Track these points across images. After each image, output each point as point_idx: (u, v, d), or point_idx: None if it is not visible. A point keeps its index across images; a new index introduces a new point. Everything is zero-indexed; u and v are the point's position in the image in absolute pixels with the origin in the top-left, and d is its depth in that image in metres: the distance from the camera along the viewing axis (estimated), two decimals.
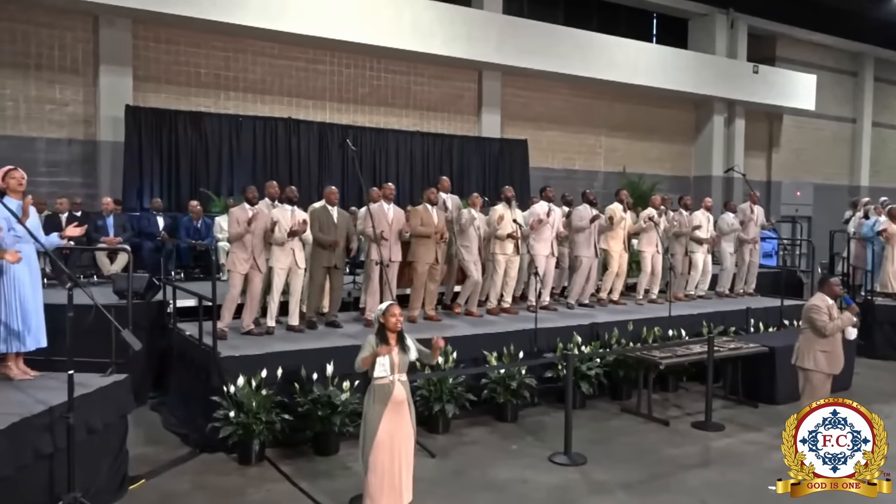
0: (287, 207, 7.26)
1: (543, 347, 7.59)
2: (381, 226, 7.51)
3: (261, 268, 7.01)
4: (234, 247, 6.93)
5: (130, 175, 11.13)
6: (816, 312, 5.99)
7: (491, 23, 14.33)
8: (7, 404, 4.52)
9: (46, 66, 11.28)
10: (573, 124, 16.75)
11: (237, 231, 6.90)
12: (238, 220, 6.93)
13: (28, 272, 5.16)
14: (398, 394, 4.51)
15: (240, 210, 7.05)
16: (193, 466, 5.80)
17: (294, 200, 7.34)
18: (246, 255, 6.94)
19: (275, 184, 7.95)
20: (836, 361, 6.05)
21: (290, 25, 12.10)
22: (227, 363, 6.02)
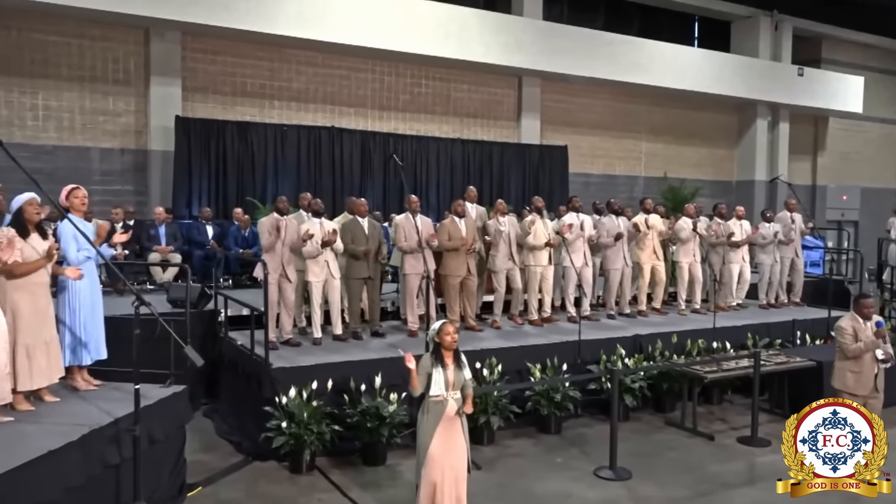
0: (315, 220, 7.39)
1: (587, 359, 7.63)
2: (412, 239, 7.60)
3: (290, 277, 7.13)
4: (265, 256, 7.07)
5: (180, 184, 11.45)
6: (840, 334, 5.97)
7: (530, 29, 14.35)
8: (76, 415, 4.74)
9: (100, 78, 11.64)
10: (613, 129, 16.67)
11: (268, 241, 7.04)
12: (268, 230, 7.08)
13: (89, 286, 5.38)
14: (451, 410, 4.60)
15: (269, 220, 7.18)
16: (247, 474, 5.98)
17: (320, 212, 7.47)
18: (275, 265, 7.06)
19: (308, 195, 8.10)
20: (867, 383, 5.95)
21: (333, 35, 12.30)
22: (279, 374, 6.19)
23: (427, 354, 4.69)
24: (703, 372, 7.18)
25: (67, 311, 5.24)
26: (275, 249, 7.02)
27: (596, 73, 14.93)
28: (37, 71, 11.18)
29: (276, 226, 7.05)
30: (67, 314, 5.24)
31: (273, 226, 7.04)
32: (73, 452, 4.22)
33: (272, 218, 7.13)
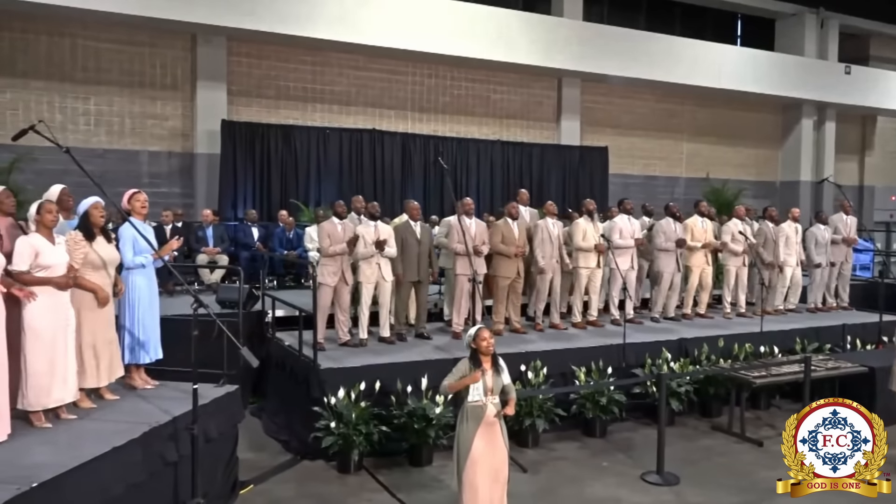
0: (370, 223, 7.46)
1: (632, 363, 7.57)
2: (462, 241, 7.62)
3: (347, 280, 7.22)
4: (324, 260, 7.16)
5: (225, 186, 11.69)
6: None
7: (570, 30, 14.32)
8: (136, 413, 4.88)
9: (149, 83, 11.95)
10: (654, 130, 16.53)
11: (327, 245, 7.13)
12: (329, 235, 7.17)
13: (148, 288, 5.54)
14: (490, 415, 4.61)
15: (329, 225, 7.26)
16: (296, 473, 6.08)
17: (376, 216, 7.54)
18: (335, 269, 7.15)
19: (361, 198, 8.18)
20: None
21: (374, 38, 12.44)
22: (327, 375, 6.27)
23: (465, 360, 4.72)
24: (751, 377, 7.08)
25: (127, 312, 5.39)
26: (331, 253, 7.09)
27: (637, 73, 14.84)
28: (89, 77, 11.52)
29: (337, 231, 7.13)
30: (127, 315, 5.39)
31: (332, 230, 7.12)
32: (135, 449, 4.35)
33: (331, 223, 7.21)
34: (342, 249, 7.04)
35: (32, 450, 4.15)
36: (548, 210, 8.52)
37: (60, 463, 3.91)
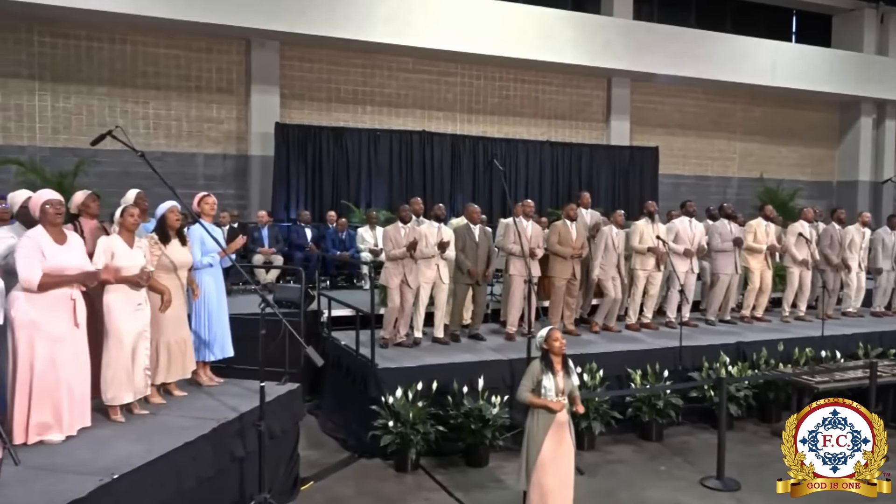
0: (434, 224, 7.52)
1: (688, 366, 7.48)
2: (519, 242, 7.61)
3: (411, 283, 7.29)
4: (388, 263, 7.25)
5: (279, 188, 11.89)
6: None
7: (620, 29, 14.18)
8: (204, 410, 5.01)
9: (205, 87, 12.24)
10: (705, 129, 16.25)
11: (391, 248, 7.21)
12: (392, 239, 7.24)
13: (216, 288, 5.69)
14: (561, 416, 4.64)
15: (394, 229, 7.32)
16: (354, 471, 6.17)
17: (441, 218, 7.60)
18: (398, 272, 7.22)
19: (419, 200, 8.24)
20: None
21: (423, 40, 12.53)
22: (384, 374, 6.35)
23: (536, 361, 4.74)
24: (814, 382, 6.92)
25: (195, 311, 5.55)
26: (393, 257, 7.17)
27: (688, 72, 14.62)
28: (149, 82, 11.86)
29: (401, 235, 7.20)
30: (195, 313, 5.55)
31: (395, 235, 7.20)
32: (206, 445, 4.47)
33: (395, 227, 7.29)
34: (402, 254, 7.11)
35: (110, 443, 4.30)
36: (615, 220, 8.44)
37: (137, 456, 4.04)
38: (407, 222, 7.30)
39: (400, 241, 7.16)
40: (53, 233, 4.34)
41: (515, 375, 6.63)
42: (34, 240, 4.24)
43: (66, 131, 11.44)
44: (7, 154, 10.89)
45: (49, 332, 4.20)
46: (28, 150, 11.16)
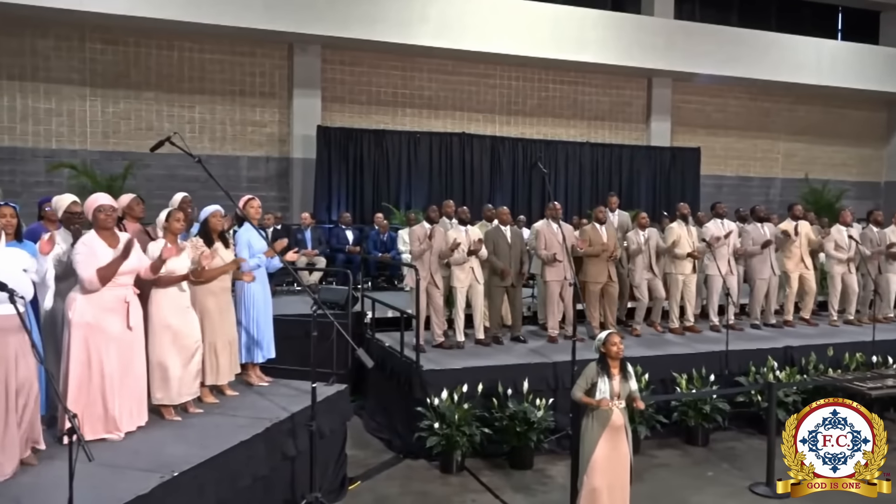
0: (461, 227, 7.54)
1: (734, 370, 7.39)
2: (553, 247, 7.61)
3: (438, 284, 7.30)
4: (415, 263, 7.27)
5: (320, 190, 12.04)
6: None
7: (661, 29, 14.04)
8: (255, 409, 5.12)
9: (249, 91, 12.45)
10: (748, 129, 15.99)
11: (419, 249, 7.25)
12: (419, 239, 7.28)
13: (262, 290, 5.80)
14: (617, 419, 4.63)
15: (420, 228, 7.37)
16: (399, 471, 6.23)
17: (466, 220, 7.61)
18: (424, 272, 7.24)
19: (451, 203, 8.27)
20: None
21: (462, 42, 12.57)
22: (429, 376, 6.40)
23: (593, 364, 4.74)
24: (866, 388, 6.78)
25: (243, 313, 5.66)
26: (423, 257, 7.22)
27: (730, 71, 14.43)
28: (194, 87, 12.11)
29: (427, 234, 7.25)
30: (243, 315, 5.66)
31: (424, 234, 7.25)
32: (260, 443, 4.57)
33: (422, 226, 7.34)
34: (443, 254, 7.15)
35: (166, 441, 4.42)
36: (640, 222, 8.39)
37: (193, 454, 4.15)
38: (435, 223, 7.33)
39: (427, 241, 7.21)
40: (106, 236, 4.46)
41: (559, 378, 6.66)
42: (88, 245, 4.36)
43: (116, 135, 11.74)
44: (60, 158, 11.22)
45: (104, 332, 4.33)
46: (80, 153, 11.48)
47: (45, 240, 4.45)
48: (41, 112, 11.39)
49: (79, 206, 4.81)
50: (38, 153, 11.31)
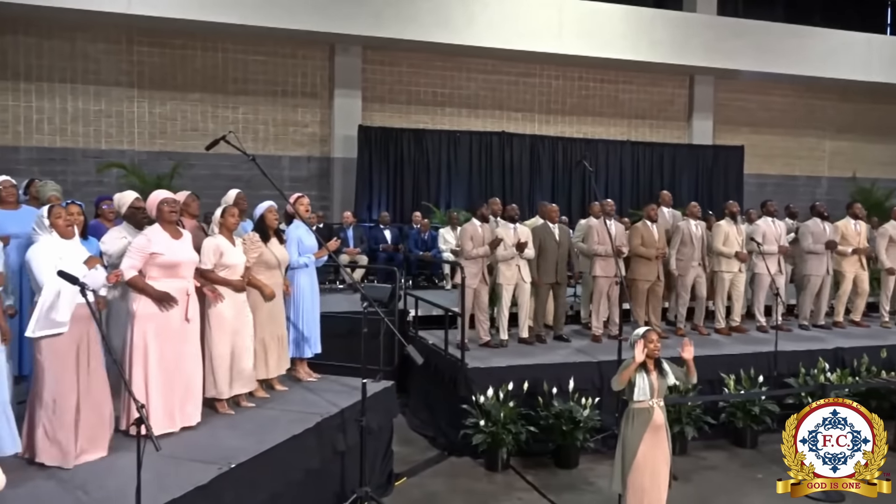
0: (509, 225, 7.52)
1: (783, 372, 7.25)
2: (605, 243, 7.55)
3: (487, 281, 7.31)
4: (465, 262, 7.27)
5: (361, 189, 12.14)
6: None
7: (703, 25, 13.84)
8: (305, 404, 5.19)
9: (291, 92, 12.62)
10: (794, 127, 15.68)
11: (469, 247, 7.24)
12: (471, 237, 7.28)
13: (310, 287, 5.87)
14: (657, 418, 4.57)
15: (471, 227, 7.36)
16: (445, 468, 6.25)
17: (515, 218, 7.60)
18: (475, 270, 7.25)
19: (497, 201, 8.25)
20: None
21: (502, 41, 12.55)
22: (474, 374, 6.41)
23: (630, 359, 4.69)
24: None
25: (292, 309, 5.73)
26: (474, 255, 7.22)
27: (775, 67, 14.17)
28: (238, 88, 12.31)
29: (476, 233, 7.25)
30: (292, 312, 5.73)
31: (473, 233, 7.25)
32: (311, 438, 4.64)
33: (472, 225, 7.34)
34: (484, 252, 7.14)
35: (221, 434, 4.51)
36: (690, 212, 8.29)
37: (248, 447, 4.23)
38: (485, 221, 7.32)
39: (479, 238, 7.19)
40: (169, 229, 4.58)
41: (605, 378, 6.60)
42: (148, 238, 4.47)
43: (162, 136, 12.00)
44: (109, 158, 11.50)
45: (164, 325, 4.43)
46: (127, 154, 11.75)
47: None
48: (91, 114, 11.70)
49: (141, 201, 4.93)
50: (89, 154, 11.61)
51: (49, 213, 4.01)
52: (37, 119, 11.46)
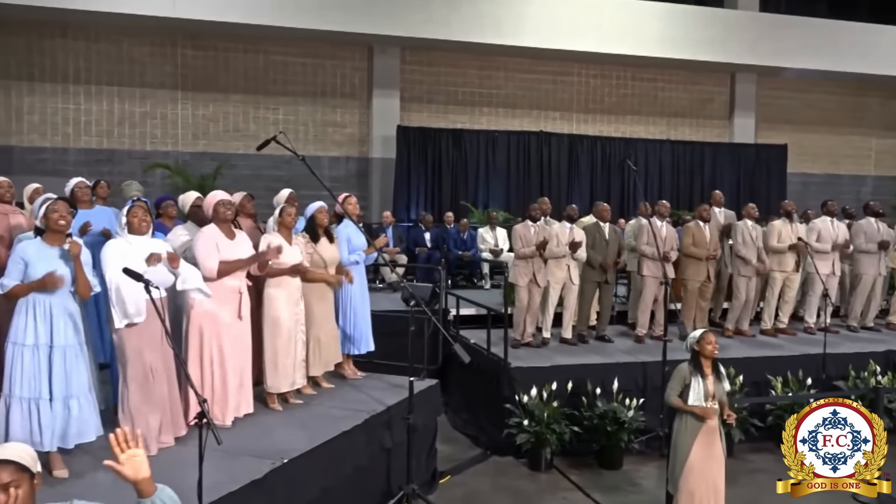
0: (567, 225, 7.49)
1: (832, 374, 7.11)
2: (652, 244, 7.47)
3: (539, 282, 7.29)
4: (516, 262, 7.28)
5: (399, 189, 12.21)
6: None
7: (746, 22, 13.62)
8: (352, 401, 5.24)
9: (330, 93, 12.74)
10: (838, 125, 15.34)
11: (520, 247, 7.24)
12: (521, 238, 7.26)
13: (359, 285, 5.92)
14: (711, 421, 4.53)
15: (523, 227, 7.34)
16: (488, 468, 6.26)
17: (574, 218, 7.57)
18: (527, 270, 7.20)
19: (546, 200, 8.22)
20: None
21: (540, 41, 12.50)
22: (518, 373, 6.41)
23: (684, 364, 4.65)
24: None
25: (341, 307, 5.80)
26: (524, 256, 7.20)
27: (819, 64, 13.88)
28: (278, 89, 12.46)
29: (528, 233, 7.23)
30: (341, 309, 5.79)
31: (524, 233, 7.24)
32: (360, 434, 4.69)
33: (524, 225, 7.32)
34: (532, 252, 7.12)
35: (273, 429, 4.58)
36: (748, 213, 8.15)
37: (299, 442, 4.30)
38: (536, 221, 7.31)
39: (530, 239, 7.17)
40: (224, 229, 4.67)
41: (649, 379, 6.57)
42: (209, 235, 4.57)
43: (205, 137, 12.21)
44: (154, 159, 11.74)
45: (219, 322, 4.52)
46: (171, 154, 11.98)
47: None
48: (137, 116, 11.95)
49: (202, 201, 5.04)
50: (134, 155, 11.87)
51: (128, 211, 4.12)
52: (85, 121, 11.75)
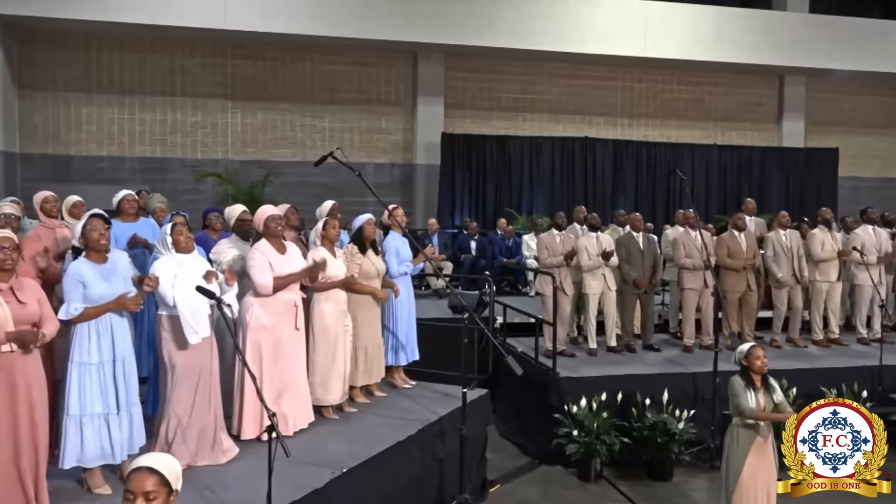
0: (591, 234, 7.48)
1: (888, 387, 6.97)
2: (693, 254, 7.43)
3: (566, 290, 7.28)
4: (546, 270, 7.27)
5: (444, 195, 12.31)
6: None
7: (795, 24, 13.38)
8: (404, 411, 5.33)
9: (375, 100, 12.91)
10: (891, 127, 14.96)
11: (546, 256, 7.25)
12: (547, 247, 7.28)
13: (407, 295, 6.01)
14: (763, 435, 4.51)
15: (548, 236, 7.35)
16: (537, 477, 6.30)
17: (597, 227, 7.55)
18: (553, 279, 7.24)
19: (583, 208, 8.23)
20: None
21: (583, 46, 12.47)
22: (566, 383, 6.43)
23: (736, 377, 4.63)
24: None
25: (389, 318, 5.89)
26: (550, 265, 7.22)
27: (871, 66, 13.59)
28: (325, 97, 12.68)
29: (553, 242, 7.27)
30: (389, 320, 5.89)
31: (550, 242, 7.27)
32: (413, 444, 4.77)
33: (550, 234, 7.36)
34: (559, 262, 7.13)
35: (328, 439, 4.69)
36: (779, 221, 8.05)
37: (357, 452, 4.40)
38: (562, 229, 7.31)
39: (555, 248, 7.19)
40: (275, 244, 4.78)
41: (699, 389, 6.53)
42: (262, 251, 4.70)
43: (254, 145, 12.48)
44: (204, 167, 12.06)
45: (276, 335, 4.65)
46: (221, 163, 12.28)
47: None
48: (188, 125, 12.28)
49: (248, 214, 5.18)
50: (186, 163, 12.19)
51: (172, 230, 4.27)
52: (139, 130, 12.12)
